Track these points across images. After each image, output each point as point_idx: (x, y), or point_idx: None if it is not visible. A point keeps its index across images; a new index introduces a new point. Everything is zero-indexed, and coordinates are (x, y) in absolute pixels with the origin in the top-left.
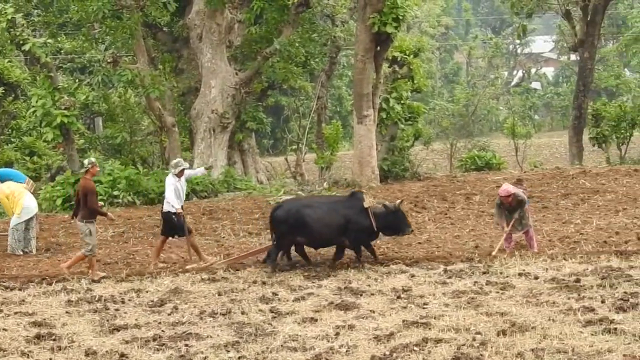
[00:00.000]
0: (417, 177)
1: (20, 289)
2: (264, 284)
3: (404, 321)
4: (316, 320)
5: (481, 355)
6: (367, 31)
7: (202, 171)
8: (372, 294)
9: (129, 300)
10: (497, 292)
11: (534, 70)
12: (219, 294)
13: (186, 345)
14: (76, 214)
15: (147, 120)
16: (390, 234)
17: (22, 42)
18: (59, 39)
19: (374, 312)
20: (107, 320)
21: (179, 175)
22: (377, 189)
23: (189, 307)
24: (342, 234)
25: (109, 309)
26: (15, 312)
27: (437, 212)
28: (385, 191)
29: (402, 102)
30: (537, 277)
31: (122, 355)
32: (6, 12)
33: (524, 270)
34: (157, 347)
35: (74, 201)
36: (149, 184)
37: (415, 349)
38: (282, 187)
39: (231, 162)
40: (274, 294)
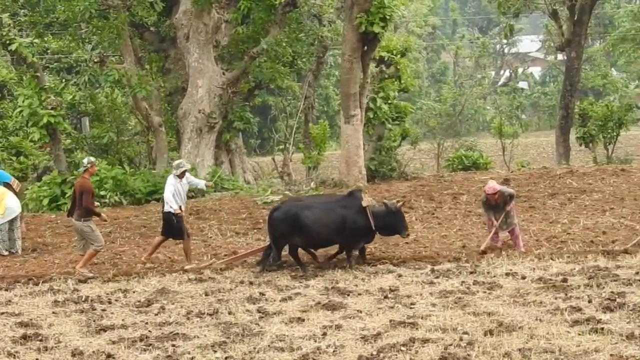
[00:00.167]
0: (405, 176)
1: (6, 289)
2: (251, 284)
3: (391, 321)
4: (303, 320)
5: (468, 355)
6: (354, 31)
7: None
8: (360, 294)
9: (116, 300)
10: (485, 292)
11: (521, 69)
12: (206, 294)
13: (173, 345)
14: (71, 213)
15: (134, 120)
16: (387, 235)
17: (8, 42)
18: (46, 39)
19: (361, 312)
20: (94, 320)
21: (180, 176)
22: (365, 189)
23: (176, 308)
24: (341, 233)
25: (95, 310)
26: (1, 313)
27: (425, 212)
28: (372, 191)
29: (390, 101)
30: (524, 277)
31: (109, 355)
32: None
33: (511, 270)
34: (144, 347)
35: (71, 200)
36: (136, 184)
37: (402, 349)
38: (269, 187)
39: (218, 162)
40: (261, 294)
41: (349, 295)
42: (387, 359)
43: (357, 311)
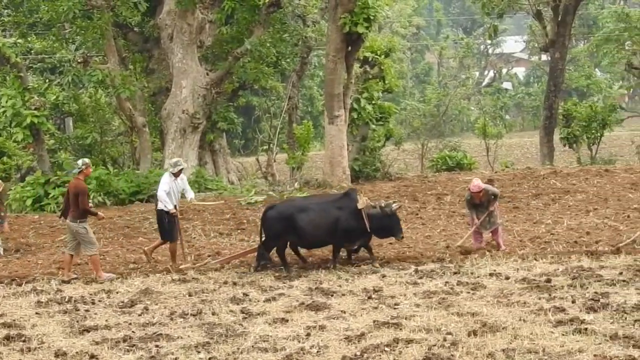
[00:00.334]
0: (388, 177)
1: None
2: (234, 284)
3: (374, 321)
4: (287, 320)
5: (452, 355)
6: (338, 31)
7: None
8: (343, 295)
9: (99, 301)
10: (468, 293)
11: (505, 70)
12: (190, 295)
13: (157, 346)
14: (65, 214)
15: (117, 120)
16: (382, 236)
17: None
18: (29, 39)
19: (344, 312)
20: (77, 321)
21: (177, 175)
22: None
23: (159, 308)
24: (335, 234)
25: (79, 310)
26: None
27: (408, 213)
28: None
29: (373, 102)
30: (508, 278)
31: (92, 356)
32: None
33: (495, 270)
34: (127, 348)
35: (64, 201)
36: (120, 184)
37: (386, 349)
38: (253, 187)
39: (202, 162)
40: (245, 294)
41: (332, 295)
42: (371, 359)
43: (341, 312)
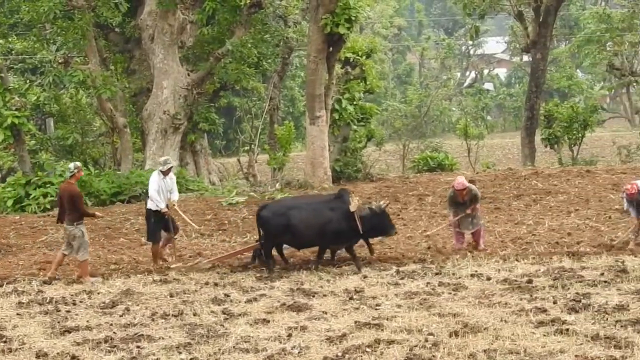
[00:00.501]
0: (370, 178)
1: None
2: (216, 285)
3: (356, 322)
4: (268, 321)
5: (433, 356)
6: (320, 32)
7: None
8: (325, 295)
9: (81, 302)
10: (450, 293)
11: (486, 71)
12: (171, 296)
13: (138, 346)
14: (61, 219)
15: (98, 121)
16: (375, 236)
17: None
18: (10, 40)
19: (326, 313)
20: (58, 322)
21: (166, 173)
22: (330, 190)
23: (140, 309)
24: (325, 235)
25: (60, 311)
26: None
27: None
28: None
29: (355, 103)
30: (489, 278)
31: (74, 357)
32: None
33: (477, 271)
34: (108, 348)
35: (57, 205)
36: (101, 185)
37: (367, 350)
38: (234, 188)
39: (183, 163)
40: (226, 295)
41: (314, 296)
42: None
43: (322, 312)
